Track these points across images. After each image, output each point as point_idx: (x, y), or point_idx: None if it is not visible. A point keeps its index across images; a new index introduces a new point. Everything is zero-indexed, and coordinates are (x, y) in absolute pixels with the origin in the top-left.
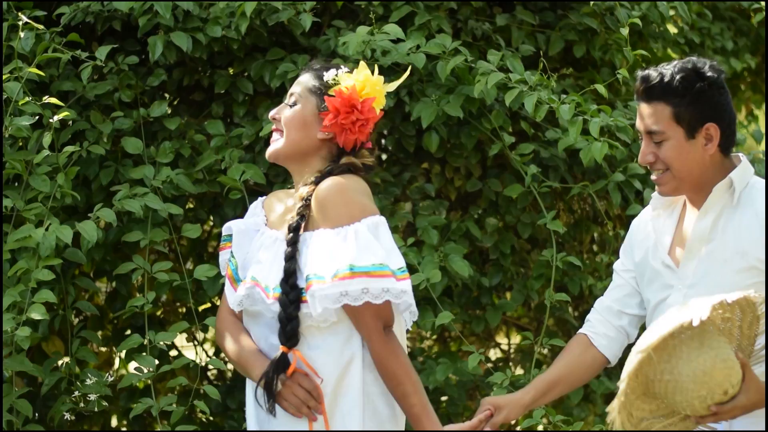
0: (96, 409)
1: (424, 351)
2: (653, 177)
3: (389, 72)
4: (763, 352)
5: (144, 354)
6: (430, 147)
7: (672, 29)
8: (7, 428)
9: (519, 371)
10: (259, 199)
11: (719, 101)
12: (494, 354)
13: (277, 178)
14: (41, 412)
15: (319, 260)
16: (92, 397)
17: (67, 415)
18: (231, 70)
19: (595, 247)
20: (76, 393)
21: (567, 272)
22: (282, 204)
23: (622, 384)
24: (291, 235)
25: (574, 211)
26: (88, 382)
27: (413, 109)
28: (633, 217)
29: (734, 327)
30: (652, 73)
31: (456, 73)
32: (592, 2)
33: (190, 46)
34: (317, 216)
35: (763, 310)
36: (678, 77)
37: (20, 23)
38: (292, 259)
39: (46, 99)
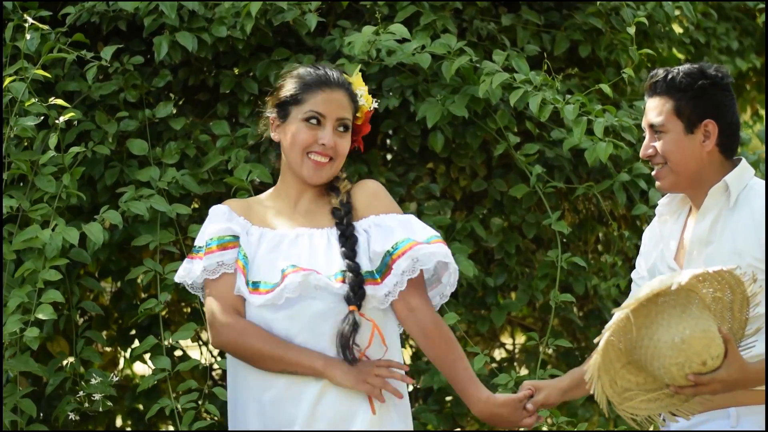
0: (101, 409)
1: None
2: (653, 172)
3: (395, 72)
4: (754, 339)
5: (160, 355)
6: (435, 147)
7: (677, 29)
8: (11, 428)
9: (524, 371)
10: (222, 206)
11: (721, 100)
12: (499, 354)
13: None
14: (46, 412)
15: (395, 233)
16: (97, 397)
17: (72, 415)
18: (236, 70)
19: (600, 248)
20: (81, 393)
21: (572, 272)
22: (268, 208)
23: (601, 340)
24: (345, 222)
25: (579, 212)
26: (93, 382)
27: (418, 109)
28: (638, 217)
29: (725, 309)
30: (660, 71)
31: (461, 73)
32: (597, 2)
33: (196, 46)
34: (369, 204)
35: (754, 290)
36: (682, 74)
37: (26, 24)
38: (351, 240)
39: (52, 100)
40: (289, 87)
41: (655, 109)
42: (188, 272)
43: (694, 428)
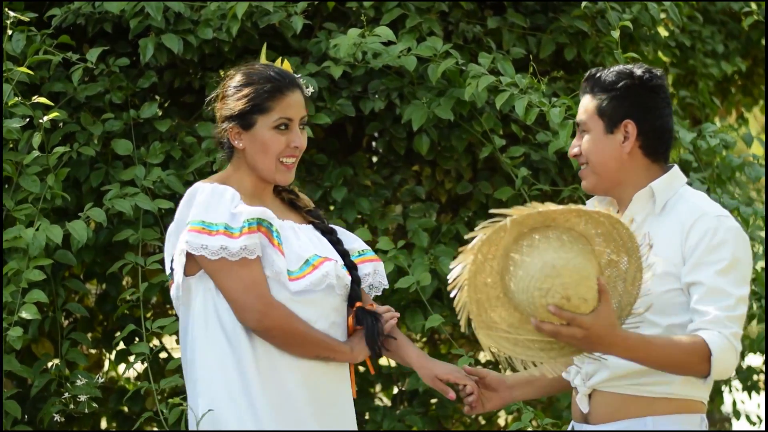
0: (86, 411)
1: None
2: (579, 172)
3: (380, 74)
4: (640, 321)
5: (137, 340)
6: (421, 149)
7: (663, 32)
8: None
9: (508, 373)
10: (228, 188)
11: (645, 102)
12: (484, 356)
13: None
14: (30, 414)
15: (357, 240)
16: (82, 398)
17: (57, 417)
18: (222, 72)
19: None
20: (66, 394)
21: None
22: (272, 196)
23: (476, 238)
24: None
25: None
26: (78, 383)
27: (404, 112)
28: None
29: (618, 279)
30: (594, 70)
31: (447, 75)
32: (583, 5)
33: (181, 48)
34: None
35: (647, 262)
36: (610, 74)
37: (8, 22)
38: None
39: (36, 98)
40: (248, 96)
41: (581, 107)
42: (216, 247)
43: (610, 428)
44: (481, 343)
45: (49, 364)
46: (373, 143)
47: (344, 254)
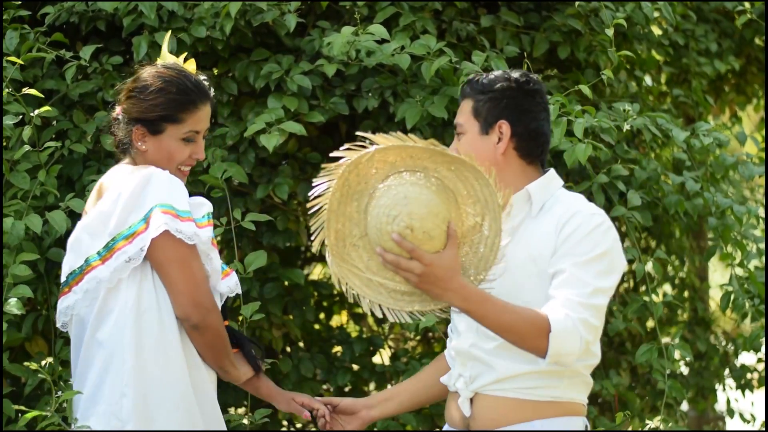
0: None
1: (408, 352)
2: None
3: (374, 73)
4: (491, 287)
5: None
6: None
7: (656, 31)
8: None
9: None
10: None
11: (521, 104)
12: None
13: (261, 178)
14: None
15: None
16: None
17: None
18: (215, 71)
19: None
20: (59, 393)
21: None
22: None
23: (343, 169)
24: None
25: None
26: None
27: (398, 110)
28: (616, 218)
29: (481, 242)
30: (473, 75)
31: (440, 74)
32: (576, 3)
33: (175, 47)
34: None
35: (505, 225)
36: (489, 77)
37: (5, 18)
38: None
39: (26, 90)
40: (161, 104)
41: (459, 110)
42: (190, 232)
43: (501, 428)
44: (330, 272)
45: (43, 363)
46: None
47: None
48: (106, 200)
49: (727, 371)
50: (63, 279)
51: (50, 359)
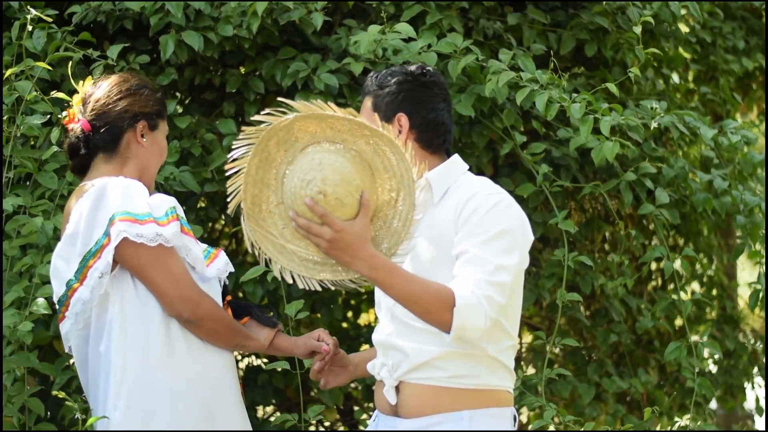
0: None
1: None
2: None
3: None
4: (401, 260)
5: None
6: None
7: (683, 28)
8: (19, 427)
9: (531, 370)
10: (134, 181)
11: (418, 96)
12: None
13: None
14: (53, 411)
15: None
16: None
17: (78, 415)
18: (242, 69)
19: (606, 247)
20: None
21: (579, 272)
22: None
23: (261, 134)
24: None
25: (586, 211)
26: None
27: None
28: (644, 216)
29: (396, 217)
30: (372, 72)
31: (467, 72)
32: (603, 1)
33: (202, 45)
34: None
35: (417, 200)
36: (386, 72)
37: (29, 17)
38: None
39: (54, 93)
40: (154, 100)
41: (361, 107)
42: (152, 234)
43: (429, 428)
44: (244, 235)
45: (71, 361)
46: None
47: None
48: (71, 223)
49: (755, 369)
50: (57, 307)
51: None
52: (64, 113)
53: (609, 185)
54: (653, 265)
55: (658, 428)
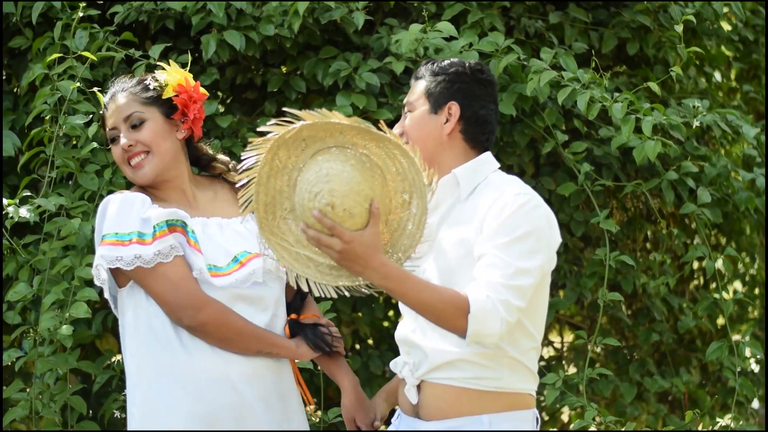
0: None
1: None
2: None
3: None
4: (416, 265)
5: None
6: None
7: (726, 26)
8: (61, 426)
9: (572, 370)
10: (137, 194)
11: (473, 90)
12: (547, 352)
13: None
14: (94, 409)
15: None
16: None
17: (117, 413)
18: (284, 69)
19: (648, 246)
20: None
21: (620, 271)
22: (169, 197)
23: (271, 144)
24: None
25: (628, 210)
26: None
27: None
28: (686, 215)
29: (409, 220)
30: (428, 59)
31: (509, 71)
32: (645, 0)
33: (243, 45)
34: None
35: (430, 204)
36: (444, 61)
37: (74, 17)
38: None
39: (95, 89)
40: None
41: (411, 90)
42: (130, 257)
43: (445, 427)
44: (259, 243)
45: (112, 360)
46: None
47: None
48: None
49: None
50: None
51: (119, 357)
52: None
53: (651, 184)
54: (695, 264)
55: (699, 428)
